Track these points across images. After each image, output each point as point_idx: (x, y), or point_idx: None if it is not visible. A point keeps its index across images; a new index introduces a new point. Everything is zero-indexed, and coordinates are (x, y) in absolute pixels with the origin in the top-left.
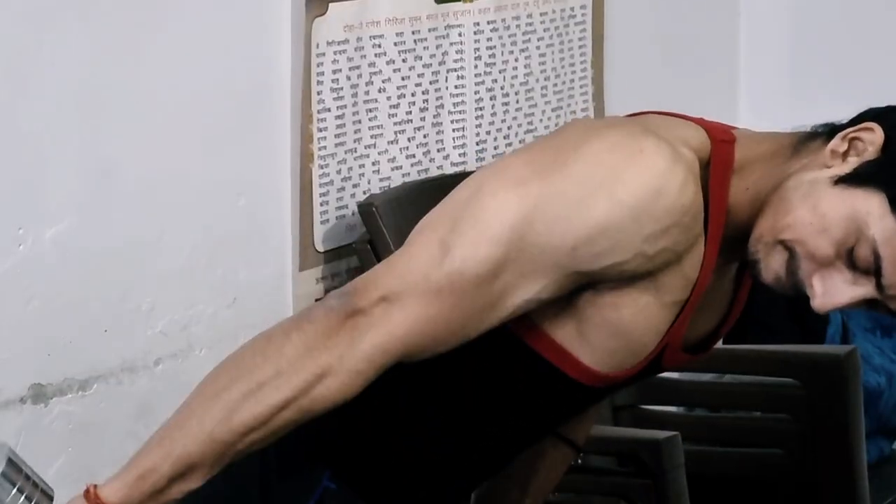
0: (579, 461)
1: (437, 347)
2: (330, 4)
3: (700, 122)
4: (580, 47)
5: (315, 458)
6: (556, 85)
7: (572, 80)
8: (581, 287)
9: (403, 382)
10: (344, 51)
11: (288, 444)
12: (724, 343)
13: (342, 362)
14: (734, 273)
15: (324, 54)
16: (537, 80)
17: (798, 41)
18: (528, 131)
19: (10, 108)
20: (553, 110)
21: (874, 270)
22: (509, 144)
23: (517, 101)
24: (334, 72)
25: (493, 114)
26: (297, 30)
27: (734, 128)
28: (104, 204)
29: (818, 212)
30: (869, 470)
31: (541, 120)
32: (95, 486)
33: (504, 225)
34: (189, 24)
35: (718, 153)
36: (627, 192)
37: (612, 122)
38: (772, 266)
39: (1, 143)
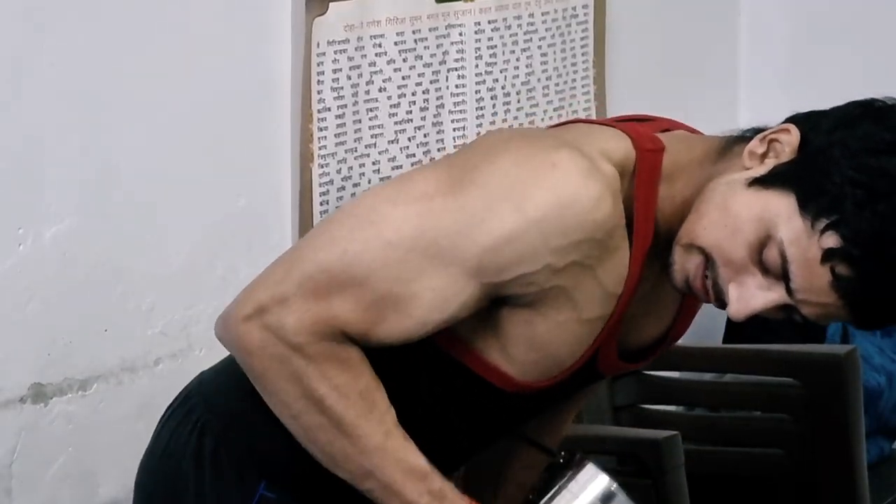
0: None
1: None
2: (330, 4)
3: (628, 130)
4: (582, 47)
5: (248, 468)
6: (557, 84)
7: (574, 80)
8: (497, 302)
9: None
10: (344, 50)
11: (221, 455)
12: (724, 342)
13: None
14: None
15: (324, 54)
16: (539, 80)
17: (798, 41)
18: None
19: (10, 108)
20: (555, 110)
21: (782, 274)
22: None
23: (518, 101)
24: (335, 71)
25: (494, 113)
26: (297, 29)
27: (677, 125)
28: (104, 204)
29: (730, 214)
30: (869, 470)
31: (542, 119)
32: None
33: (403, 234)
34: (189, 23)
35: (644, 163)
36: (533, 204)
37: (526, 134)
38: (684, 267)
39: (1, 143)
